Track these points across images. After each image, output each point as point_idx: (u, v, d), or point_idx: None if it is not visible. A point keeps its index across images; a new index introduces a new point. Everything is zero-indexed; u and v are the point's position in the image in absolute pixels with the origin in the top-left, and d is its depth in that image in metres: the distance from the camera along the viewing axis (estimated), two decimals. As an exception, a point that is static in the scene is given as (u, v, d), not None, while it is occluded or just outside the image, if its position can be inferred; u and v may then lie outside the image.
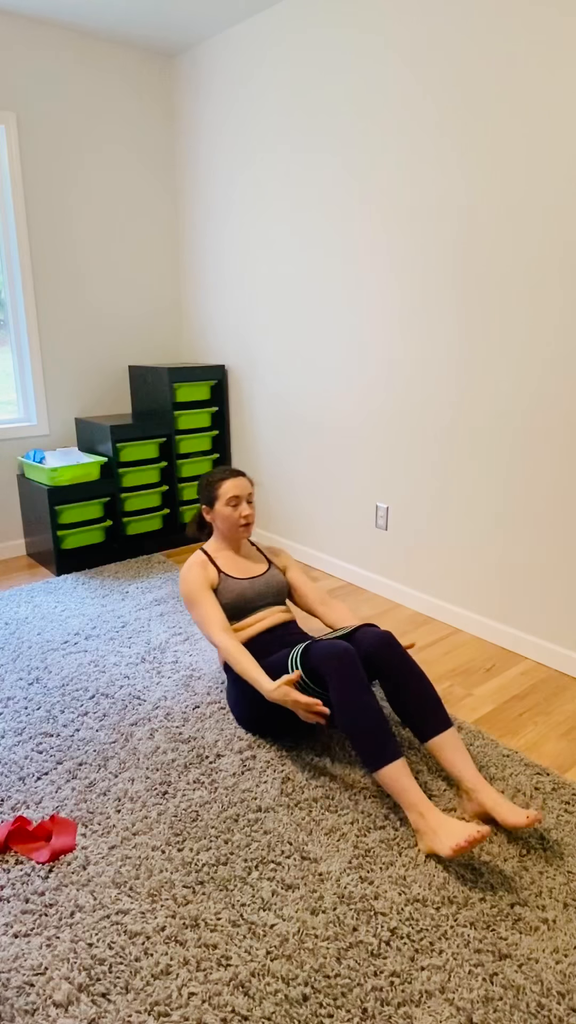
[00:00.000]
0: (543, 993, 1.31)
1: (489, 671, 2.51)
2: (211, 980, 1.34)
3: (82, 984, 1.33)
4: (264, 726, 2.05)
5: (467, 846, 1.51)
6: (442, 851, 1.56)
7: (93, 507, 3.54)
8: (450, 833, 1.57)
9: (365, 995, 1.31)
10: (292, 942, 1.42)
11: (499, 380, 2.52)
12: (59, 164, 3.51)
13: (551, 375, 2.36)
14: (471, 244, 2.51)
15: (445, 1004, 1.29)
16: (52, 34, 3.36)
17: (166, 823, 1.75)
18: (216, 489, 2.24)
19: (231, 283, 3.69)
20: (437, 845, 1.58)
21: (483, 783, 1.71)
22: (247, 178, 3.43)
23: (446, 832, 1.58)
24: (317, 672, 1.81)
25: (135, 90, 3.69)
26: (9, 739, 2.10)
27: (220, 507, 2.24)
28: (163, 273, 4.01)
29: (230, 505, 2.22)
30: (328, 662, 1.79)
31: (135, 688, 2.38)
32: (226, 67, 3.42)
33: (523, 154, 2.30)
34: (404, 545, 3.05)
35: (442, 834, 1.58)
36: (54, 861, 1.63)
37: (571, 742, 2.10)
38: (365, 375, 3.04)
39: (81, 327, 3.77)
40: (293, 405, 3.47)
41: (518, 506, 2.55)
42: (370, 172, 2.82)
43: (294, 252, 3.26)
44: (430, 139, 2.57)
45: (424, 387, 2.80)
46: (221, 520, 2.25)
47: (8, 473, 3.64)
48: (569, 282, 2.25)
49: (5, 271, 3.52)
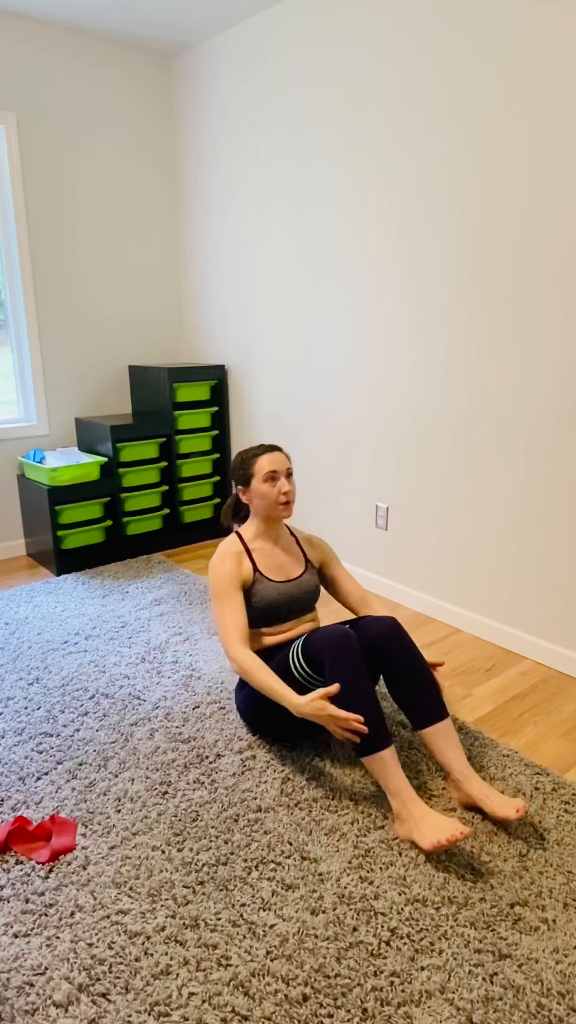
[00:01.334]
0: (543, 993, 1.31)
1: (489, 671, 2.51)
2: (211, 980, 1.34)
3: (82, 984, 1.33)
4: (272, 729, 2.02)
5: (447, 844, 1.54)
6: (422, 844, 1.59)
7: (93, 507, 3.54)
8: (433, 828, 1.59)
9: (365, 995, 1.31)
10: (292, 942, 1.42)
11: (499, 380, 2.52)
12: (59, 164, 3.51)
13: (555, 375, 2.36)
14: (473, 243, 2.51)
15: (445, 1004, 1.29)
16: (52, 34, 3.36)
17: (166, 823, 1.75)
18: (252, 466, 2.06)
19: (231, 283, 3.69)
20: (417, 836, 1.61)
21: (472, 774, 1.74)
22: (247, 178, 3.43)
23: (429, 826, 1.60)
24: (316, 658, 1.80)
25: (135, 90, 3.69)
26: (9, 739, 2.10)
27: (257, 484, 2.04)
28: (163, 273, 4.01)
29: (268, 481, 2.03)
30: (325, 646, 1.78)
31: (135, 688, 2.38)
32: (226, 67, 3.42)
33: (526, 151, 2.30)
34: (404, 545, 3.05)
35: (424, 827, 1.61)
36: (54, 861, 1.63)
37: (571, 742, 2.10)
38: (365, 375, 3.04)
39: (81, 327, 3.77)
40: (293, 405, 3.46)
41: (518, 506, 2.55)
42: (370, 171, 2.82)
43: (294, 252, 3.26)
44: (432, 138, 2.57)
45: (424, 387, 2.80)
46: (259, 499, 2.06)
47: (8, 473, 3.64)
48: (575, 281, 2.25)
49: (5, 271, 3.52)
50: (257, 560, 2.09)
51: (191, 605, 3.05)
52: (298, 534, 2.24)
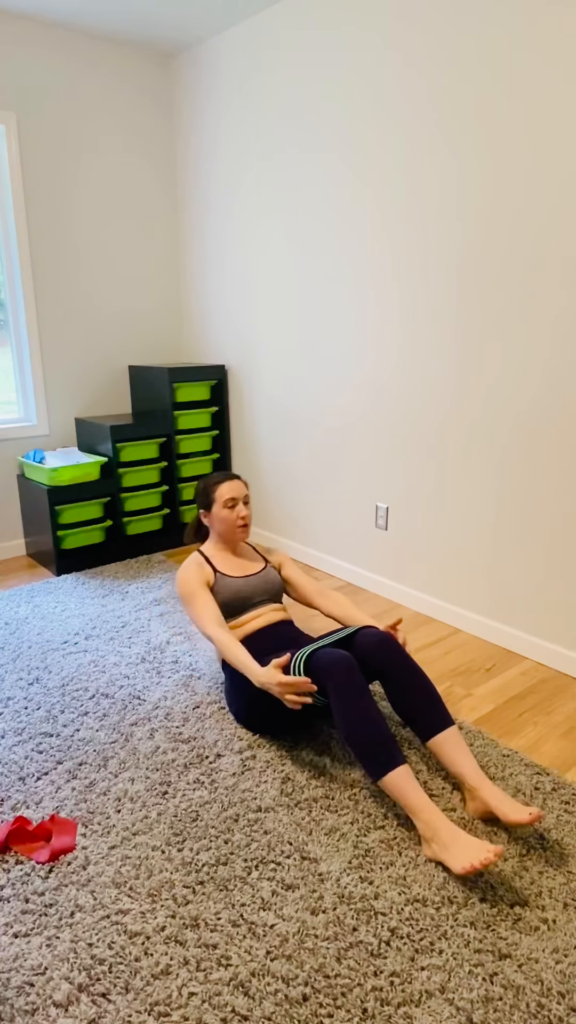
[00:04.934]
0: (543, 993, 1.31)
1: (489, 671, 2.51)
2: (211, 980, 1.34)
3: (82, 984, 1.33)
4: (261, 723, 2.06)
5: (480, 868, 1.48)
6: (453, 867, 1.53)
7: (93, 507, 3.54)
8: (464, 851, 1.54)
9: (365, 995, 1.31)
10: (292, 942, 1.42)
11: (499, 380, 2.52)
12: (59, 164, 3.51)
13: (551, 376, 2.36)
14: (471, 244, 2.51)
15: (445, 1004, 1.29)
16: (52, 34, 3.36)
17: (166, 823, 1.75)
18: (213, 492, 2.30)
19: (231, 283, 3.69)
20: (448, 859, 1.55)
21: (485, 781, 1.71)
22: (247, 178, 3.43)
23: (460, 849, 1.55)
24: (318, 682, 1.82)
25: (135, 90, 3.69)
26: (9, 739, 2.10)
27: (218, 510, 2.29)
28: (163, 273, 4.01)
29: (227, 507, 2.28)
30: (327, 672, 1.79)
31: (135, 688, 2.38)
32: (226, 67, 3.42)
33: (524, 152, 2.30)
34: (404, 545, 3.05)
35: (455, 850, 1.55)
36: (54, 861, 1.63)
37: (571, 742, 2.10)
38: (365, 375, 3.04)
39: (81, 327, 3.77)
40: (293, 405, 3.46)
41: (518, 506, 2.55)
42: (370, 171, 2.82)
43: (294, 252, 3.26)
44: (431, 138, 2.57)
45: (424, 387, 2.80)
46: (219, 522, 2.30)
47: (8, 473, 3.64)
48: (570, 283, 2.25)
49: (5, 271, 3.52)
50: (217, 565, 2.30)
51: (191, 605, 3.05)
52: (256, 546, 2.49)
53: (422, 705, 1.81)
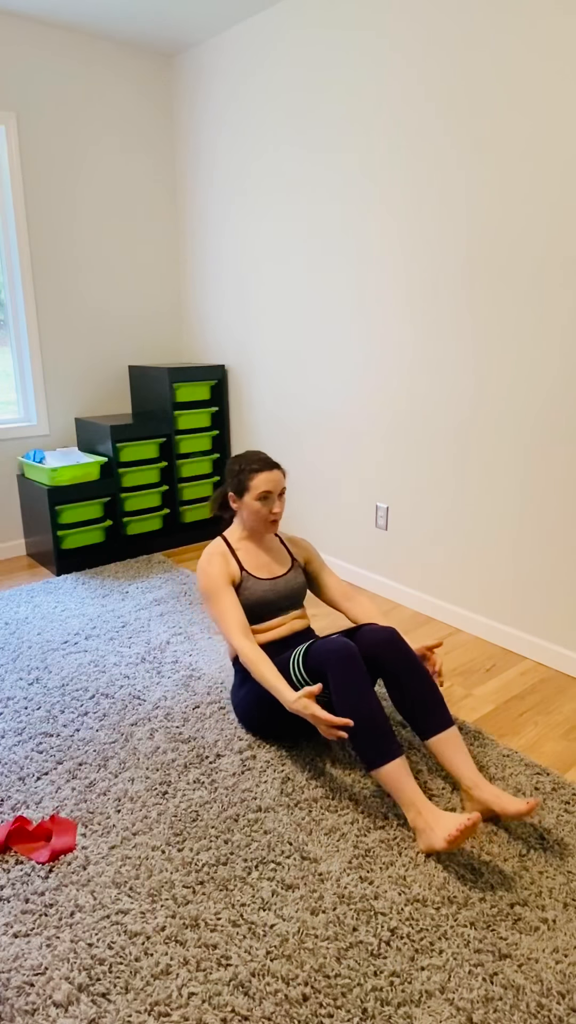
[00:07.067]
0: (543, 993, 1.31)
1: (489, 671, 2.51)
2: (211, 980, 1.34)
3: (82, 984, 1.33)
4: (269, 728, 2.04)
5: (460, 834, 1.53)
6: (438, 844, 1.58)
7: (93, 507, 3.54)
8: (444, 826, 1.59)
9: (365, 995, 1.31)
10: (292, 942, 1.42)
11: (501, 380, 2.52)
12: (59, 164, 3.51)
13: (558, 376, 2.36)
14: (475, 242, 2.51)
15: (445, 1004, 1.29)
16: (52, 34, 3.36)
17: (166, 823, 1.75)
18: (248, 480, 2.07)
19: (231, 283, 3.69)
20: (434, 840, 1.60)
21: (482, 780, 1.72)
22: (247, 177, 3.43)
23: (440, 826, 1.60)
24: (318, 670, 1.81)
25: (135, 90, 3.69)
26: (9, 739, 2.10)
27: (249, 500, 2.07)
28: (163, 273, 4.01)
29: (260, 499, 2.07)
30: (328, 659, 1.78)
31: (135, 688, 2.38)
32: (226, 67, 3.42)
33: (528, 150, 2.30)
34: (404, 545, 3.05)
35: (437, 829, 1.60)
36: (54, 861, 1.63)
37: (571, 742, 2.10)
38: (365, 375, 3.04)
39: (81, 327, 3.77)
40: (293, 405, 3.46)
41: (518, 506, 2.55)
42: (371, 170, 2.82)
43: (294, 252, 3.26)
44: (433, 137, 2.57)
45: (425, 387, 2.80)
46: (248, 513, 2.10)
47: (8, 473, 3.64)
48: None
49: (5, 271, 3.52)
50: (243, 559, 2.13)
51: (191, 605, 3.05)
52: (281, 534, 2.28)
53: (423, 703, 1.81)
